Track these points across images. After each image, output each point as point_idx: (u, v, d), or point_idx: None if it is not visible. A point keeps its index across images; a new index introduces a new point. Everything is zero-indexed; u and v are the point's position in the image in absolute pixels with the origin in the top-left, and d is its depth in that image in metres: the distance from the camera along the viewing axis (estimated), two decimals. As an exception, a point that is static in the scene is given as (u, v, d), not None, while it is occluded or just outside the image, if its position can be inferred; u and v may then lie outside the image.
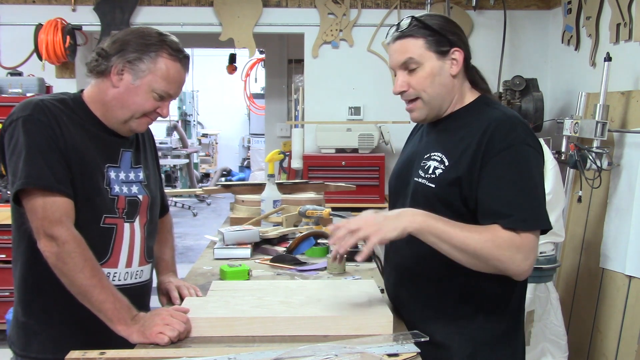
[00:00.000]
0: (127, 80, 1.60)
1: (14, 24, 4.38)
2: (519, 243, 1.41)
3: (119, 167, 1.69)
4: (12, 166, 1.53)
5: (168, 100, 1.66)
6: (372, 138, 4.29)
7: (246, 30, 4.46)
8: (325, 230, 2.46)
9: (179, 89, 1.67)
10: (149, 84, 1.60)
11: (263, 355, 1.31)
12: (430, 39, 1.54)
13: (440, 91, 1.56)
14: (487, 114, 1.55)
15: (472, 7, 4.36)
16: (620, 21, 3.28)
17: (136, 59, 1.59)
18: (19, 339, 1.66)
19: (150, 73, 1.59)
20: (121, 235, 1.67)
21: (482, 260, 1.42)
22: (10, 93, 4.07)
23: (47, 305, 1.62)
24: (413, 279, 1.62)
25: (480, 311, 1.55)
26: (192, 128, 11.89)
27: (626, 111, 3.18)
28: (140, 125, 1.68)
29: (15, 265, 1.67)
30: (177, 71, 1.63)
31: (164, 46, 1.60)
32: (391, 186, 1.76)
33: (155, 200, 1.81)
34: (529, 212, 1.43)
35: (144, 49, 1.59)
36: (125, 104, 1.62)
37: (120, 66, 1.59)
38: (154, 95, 1.61)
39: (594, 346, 3.22)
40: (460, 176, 1.49)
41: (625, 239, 3.02)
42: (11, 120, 1.56)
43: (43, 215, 1.49)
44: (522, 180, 1.45)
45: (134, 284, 1.72)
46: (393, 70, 1.61)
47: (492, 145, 1.46)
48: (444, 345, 1.54)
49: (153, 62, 1.59)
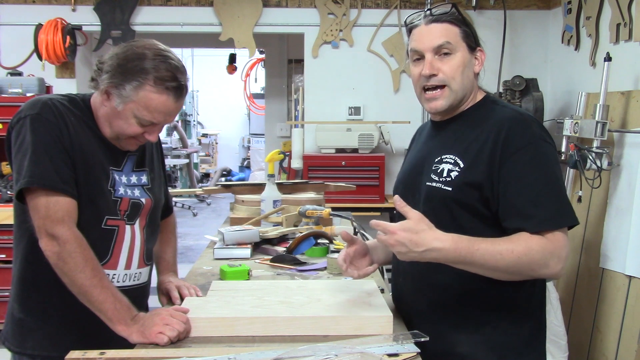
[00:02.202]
0: (112, 102, 1.57)
1: (14, 24, 4.38)
2: (551, 248, 1.37)
3: (121, 170, 1.69)
4: (18, 164, 1.53)
5: (157, 126, 1.62)
6: (372, 138, 4.29)
7: (246, 30, 4.45)
8: (325, 231, 2.46)
9: (169, 117, 1.59)
10: (132, 111, 1.55)
11: (263, 355, 1.31)
12: (466, 31, 1.55)
13: (466, 84, 1.55)
14: (497, 112, 1.53)
15: (472, 7, 4.36)
16: (620, 21, 3.28)
17: (119, 85, 1.54)
18: (14, 336, 1.66)
19: (132, 101, 1.54)
20: (122, 237, 1.67)
21: (517, 274, 1.40)
22: (10, 93, 4.07)
23: (45, 303, 1.62)
24: (432, 288, 1.56)
25: (503, 317, 1.51)
26: (192, 128, 11.89)
27: (626, 111, 3.18)
28: (129, 145, 1.67)
29: (15, 262, 1.67)
30: (162, 102, 1.55)
31: (147, 76, 1.52)
32: (398, 193, 1.66)
33: (158, 203, 1.81)
34: (553, 210, 1.40)
35: (129, 75, 1.53)
36: (112, 125, 1.61)
37: (107, 87, 1.56)
38: (137, 121, 1.58)
39: (594, 346, 3.22)
40: (480, 178, 1.45)
41: (625, 239, 3.02)
42: (19, 117, 1.56)
43: (45, 215, 1.50)
44: (543, 178, 1.43)
45: (132, 286, 1.72)
46: (418, 53, 1.55)
47: (509, 144, 1.44)
48: (470, 356, 1.50)
49: (135, 90, 1.53)
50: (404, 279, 1.65)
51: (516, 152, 1.43)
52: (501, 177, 1.44)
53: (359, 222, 2.47)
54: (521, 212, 1.41)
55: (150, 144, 1.81)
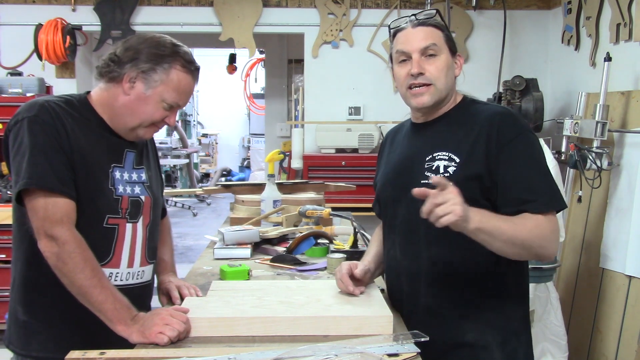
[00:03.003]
0: (139, 89, 1.61)
1: (14, 24, 4.38)
2: (553, 225, 1.49)
3: (123, 167, 1.69)
4: (16, 166, 1.54)
5: (176, 109, 1.68)
6: (372, 138, 4.30)
7: (246, 30, 4.46)
8: (325, 231, 2.46)
9: (188, 99, 1.70)
10: (160, 94, 1.61)
11: (263, 355, 1.31)
12: (448, 35, 1.65)
13: (449, 85, 1.63)
14: (483, 109, 1.63)
15: (472, 7, 4.36)
16: (620, 21, 3.28)
17: (150, 69, 1.60)
18: (19, 338, 1.66)
19: (162, 84, 1.61)
20: (123, 235, 1.67)
21: (527, 249, 1.47)
22: (10, 93, 4.07)
23: (49, 305, 1.62)
24: (435, 283, 1.61)
25: (503, 303, 1.61)
26: (192, 128, 11.90)
27: (626, 111, 3.18)
28: (147, 133, 1.70)
29: (16, 264, 1.67)
30: (188, 83, 1.65)
31: (177, 58, 1.61)
32: (386, 195, 1.74)
33: (158, 201, 1.81)
34: (549, 194, 1.52)
35: (158, 59, 1.60)
36: (135, 112, 1.63)
37: (134, 75, 1.60)
38: (163, 105, 1.63)
39: (594, 346, 3.22)
40: (479, 170, 1.53)
41: (625, 239, 3.02)
42: (16, 120, 1.57)
43: (44, 216, 1.50)
44: (536, 165, 1.54)
45: (135, 284, 1.72)
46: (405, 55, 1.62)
47: (502, 134, 1.53)
48: (478, 342, 1.57)
49: (166, 73, 1.60)
50: (406, 279, 1.67)
51: (509, 142, 1.53)
52: (499, 165, 1.52)
53: (359, 222, 2.47)
54: (519, 199, 1.50)
55: (146, 143, 1.83)
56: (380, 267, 1.80)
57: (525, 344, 1.65)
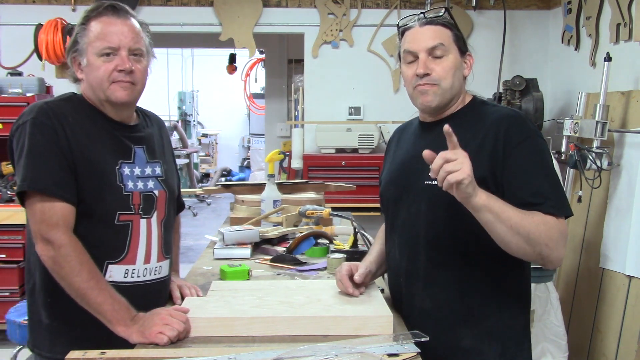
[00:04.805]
0: (82, 65, 1.65)
1: (14, 24, 4.38)
2: (562, 228, 1.44)
3: (133, 162, 1.69)
4: (17, 169, 1.56)
5: (118, 53, 1.63)
6: (372, 138, 4.30)
7: (246, 30, 4.46)
8: (325, 231, 2.46)
9: (124, 38, 1.64)
10: (93, 53, 1.62)
11: (263, 355, 1.31)
12: (457, 34, 1.61)
13: (456, 85, 1.60)
14: (492, 111, 1.59)
15: (472, 7, 4.36)
16: (620, 21, 3.28)
17: (75, 43, 1.64)
18: (43, 341, 1.67)
19: (88, 44, 1.62)
20: (137, 231, 1.66)
21: (532, 244, 1.40)
22: (10, 93, 4.06)
23: (69, 306, 1.60)
24: (435, 285, 1.58)
25: (504, 308, 1.57)
26: (192, 128, 11.88)
27: (626, 111, 3.18)
28: (115, 93, 1.64)
29: (34, 269, 1.66)
30: (106, 25, 1.63)
31: (89, 16, 1.64)
32: (389, 195, 1.72)
33: (173, 195, 1.80)
34: (557, 199, 1.46)
35: (77, 31, 1.65)
36: (93, 84, 1.65)
37: (73, 58, 1.66)
38: (101, 58, 1.62)
39: (594, 346, 3.22)
40: (484, 173, 1.48)
41: (625, 239, 3.02)
42: (18, 125, 1.59)
43: (41, 219, 1.51)
44: (544, 170, 1.50)
45: (153, 280, 1.71)
46: (412, 54, 1.59)
47: (510, 138, 1.50)
48: (474, 348, 1.54)
49: (85, 34, 1.63)
50: (406, 279, 1.65)
51: (518, 145, 1.49)
52: (506, 169, 1.49)
53: (359, 222, 2.46)
54: (526, 203, 1.44)
55: (161, 137, 1.82)
56: (382, 267, 1.79)
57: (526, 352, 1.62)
